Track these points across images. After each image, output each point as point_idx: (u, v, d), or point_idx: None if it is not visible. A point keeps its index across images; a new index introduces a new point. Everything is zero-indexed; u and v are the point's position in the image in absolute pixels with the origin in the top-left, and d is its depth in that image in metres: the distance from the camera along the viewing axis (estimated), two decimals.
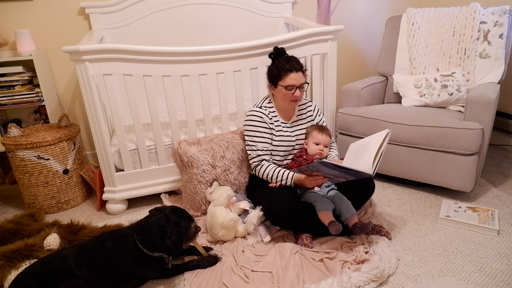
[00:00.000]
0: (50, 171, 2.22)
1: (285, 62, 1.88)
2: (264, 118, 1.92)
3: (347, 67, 3.28)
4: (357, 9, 3.18)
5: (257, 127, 1.92)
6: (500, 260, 1.62)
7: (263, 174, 1.90)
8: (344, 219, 1.74)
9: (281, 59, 1.91)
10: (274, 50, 1.99)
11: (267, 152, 1.93)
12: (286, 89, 1.85)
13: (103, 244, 1.50)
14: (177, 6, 2.70)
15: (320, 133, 1.96)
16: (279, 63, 1.89)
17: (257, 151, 1.92)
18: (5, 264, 1.57)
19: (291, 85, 1.84)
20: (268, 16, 2.92)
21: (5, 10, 2.47)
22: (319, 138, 1.95)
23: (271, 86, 1.93)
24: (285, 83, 1.85)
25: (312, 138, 1.96)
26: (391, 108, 2.33)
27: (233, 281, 1.54)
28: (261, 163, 1.92)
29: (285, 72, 1.85)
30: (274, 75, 1.89)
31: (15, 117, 2.69)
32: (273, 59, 1.97)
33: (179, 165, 2.05)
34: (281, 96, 1.90)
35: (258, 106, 1.98)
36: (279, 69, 1.87)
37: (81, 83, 1.93)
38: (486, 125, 1.95)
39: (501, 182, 2.28)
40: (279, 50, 1.97)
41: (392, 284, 1.51)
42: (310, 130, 1.99)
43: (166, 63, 2.01)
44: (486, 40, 2.30)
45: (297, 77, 1.85)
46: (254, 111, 1.95)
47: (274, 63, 1.93)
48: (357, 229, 1.69)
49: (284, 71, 1.85)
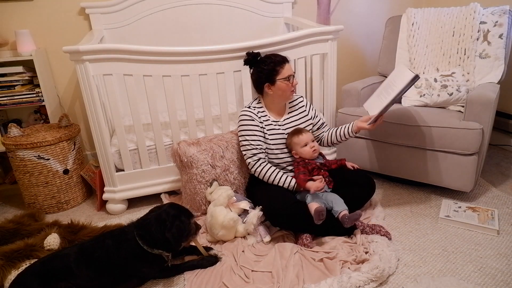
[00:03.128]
0: (50, 171, 2.22)
1: (272, 57, 1.93)
2: (253, 117, 1.94)
3: (347, 67, 3.28)
4: (357, 9, 3.18)
5: (249, 126, 1.93)
6: (500, 260, 1.62)
7: (263, 175, 1.90)
8: (335, 212, 1.75)
9: (263, 59, 1.94)
10: (250, 55, 1.99)
11: (262, 150, 1.94)
12: (286, 81, 1.89)
13: (103, 243, 1.51)
14: (177, 6, 2.70)
15: (298, 135, 1.93)
16: (268, 60, 1.92)
17: (251, 150, 1.92)
18: (5, 264, 1.58)
19: (289, 75, 1.90)
20: (268, 16, 2.92)
21: (5, 10, 2.48)
22: (302, 139, 1.92)
23: (268, 85, 1.93)
24: (284, 75, 1.89)
25: (296, 144, 1.92)
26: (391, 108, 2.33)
27: (233, 281, 1.54)
28: (258, 162, 1.92)
29: (280, 65, 1.90)
30: (269, 73, 1.91)
31: (15, 117, 2.69)
32: (252, 64, 1.99)
33: (179, 165, 2.05)
34: (281, 90, 1.92)
35: (247, 107, 2.00)
36: (273, 64, 1.90)
37: (81, 83, 1.93)
38: (486, 125, 1.95)
39: (501, 182, 2.28)
40: (254, 54, 1.99)
41: (392, 284, 1.51)
42: (289, 141, 1.95)
43: (166, 63, 2.01)
44: (486, 40, 2.30)
45: (289, 67, 1.93)
46: (243, 111, 1.98)
47: (259, 65, 1.94)
48: (345, 220, 1.70)
49: (279, 65, 1.90)
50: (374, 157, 2.27)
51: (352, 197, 1.86)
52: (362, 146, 2.30)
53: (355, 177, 1.95)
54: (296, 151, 1.93)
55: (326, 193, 1.85)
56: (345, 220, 1.70)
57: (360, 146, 2.31)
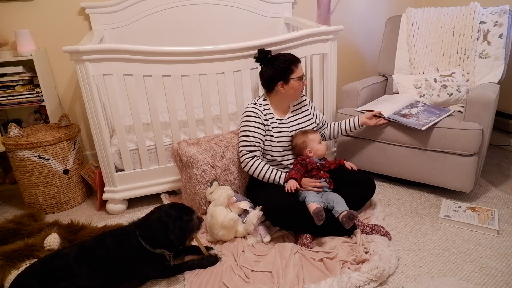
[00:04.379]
0: (50, 171, 2.22)
1: (286, 56, 1.95)
2: (259, 114, 1.95)
3: (347, 67, 3.28)
4: (357, 9, 3.18)
5: (253, 122, 1.94)
6: (500, 260, 1.62)
7: (258, 172, 1.91)
8: (335, 212, 1.74)
9: (276, 56, 1.95)
10: (262, 53, 1.99)
11: (259, 149, 1.95)
12: (299, 80, 1.93)
13: (104, 242, 1.51)
14: (177, 6, 2.70)
15: (314, 133, 1.98)
16: (282, 58, 1.93)
17: (249, 147, 1.93)
18: (6, 264, 1.58)
19: (302, 75, 1.94)
20: (268, 16, 2.92)
21: (5, 10, 2.48)
22: (318, 136, 1.98)
23: (282, 83, 1.93)
24: (297, 74, 1.93)
25: (313, 141, 1.95)
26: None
27: (233, 281, 1.54)
28: (253, 159, 1.93)
29: (295, 64, 1.93)
30: (283, 71, 1.91)
31: (15, 117, 2.69)
32: (263, 61, 1.99)
33: (179, 165, 2.05)
34: (293, 89, 1.94)
35: (253, 103, 2.01)
36: (288, 63, 1.92)
37: (81, 83, 1.93)
38: (486, 126, 1.95)
39: (501, 182, 2.28)
40: (265, 51, 1.99)
41: (392, 284, 1.51)
42: (302, 139, 1.96)
43: (166, 63, 2.01)
44: (486, 40, 2.30)
45: (301, 67, 1.98)
46: (249, 107, 1.99)
47: (273, 62, 1.94)
48: (344, 220, 1.69)
49: (294, 64, 1.93)
50: (374, 157, 2.27)
51: (352, 197, 1.86)
52: (362, 146, 2.30)
53: (355, 177, 1.96)
54: (311, 148, 1.94)
55: (327, 193, 1.85)
56: (344, 220, 1.70)
57: (360, 146, 2.31)
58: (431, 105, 2.21)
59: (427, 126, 2.00)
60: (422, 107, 2.16)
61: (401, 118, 2.08)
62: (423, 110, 2.13)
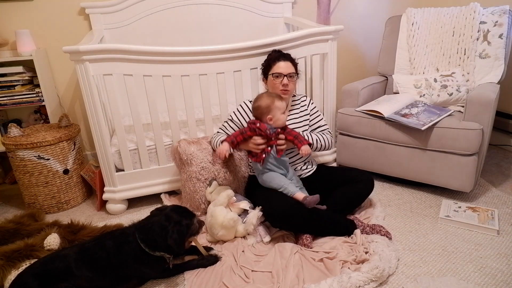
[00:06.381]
0: (50, 171, 2.22)
1: (273, 53, 2.00)
2: (247, 112, 2.01)
3: (347, 67, 3.28)
4: (357, 9, 3.18)
5: (234, 117, 2.02)
6: (500, 260, 1.62)
7: (212, 139, 2.04)
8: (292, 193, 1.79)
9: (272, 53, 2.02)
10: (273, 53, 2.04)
11: (225, 134, 2.02)
12: (274, 77, 1.91)
13: (103, 244, 1.50)
14: (177, 6, 2.70)
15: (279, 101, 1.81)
16: (270, 55, 1.99)
17: (220, 130, 2.05)
18: (6, 264, 1.57)
19: (278, 73, 1.90)
20: (268, 16, 2.92)
21: (5, 10, 2.48)
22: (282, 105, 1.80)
23: (264, 79, 2.01)
24: (273, 71, 1.92)
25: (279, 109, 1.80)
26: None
27: (233, 281, 1.54)
28: (216, 134, 2.04)
29: (273, 61, 1.94)
30: (265, 67, 1.99)
31: (15, 117, 2.69)
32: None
33: (178, 163, 2.06)
34: (271, 87, 1.96)
35: (248, 100, 2.05)
36: (269, 59, 1.97)
37: (81, 83, 1.93)
38: (486, 125, 1.95)
39: (501, 182, 2.28)
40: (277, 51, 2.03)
41: (392, 284, 1.51)
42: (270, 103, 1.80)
43: (166, 63, 2.01)
44: (486, 40, 2.30)
45: (285, 66, 1.91)
46: (243, 103, 2.05)
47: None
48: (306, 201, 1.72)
49: (273, 61, 1.95)
50: (374, 157, 2.27)
51: (352, 194, 1.86)
52: (362, 146, 2.30)
53: (353, 174, 1.96)
54: (273, 116, 1.80)
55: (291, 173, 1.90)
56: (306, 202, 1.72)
57: (360, 146, 2.31)
58: (431, 105, 2.21)
59: (427, 126, 2.00)
60: (422, 107, 2.16)
61: (401, 118, 2.08)
62: (423, 110, 2.13)
